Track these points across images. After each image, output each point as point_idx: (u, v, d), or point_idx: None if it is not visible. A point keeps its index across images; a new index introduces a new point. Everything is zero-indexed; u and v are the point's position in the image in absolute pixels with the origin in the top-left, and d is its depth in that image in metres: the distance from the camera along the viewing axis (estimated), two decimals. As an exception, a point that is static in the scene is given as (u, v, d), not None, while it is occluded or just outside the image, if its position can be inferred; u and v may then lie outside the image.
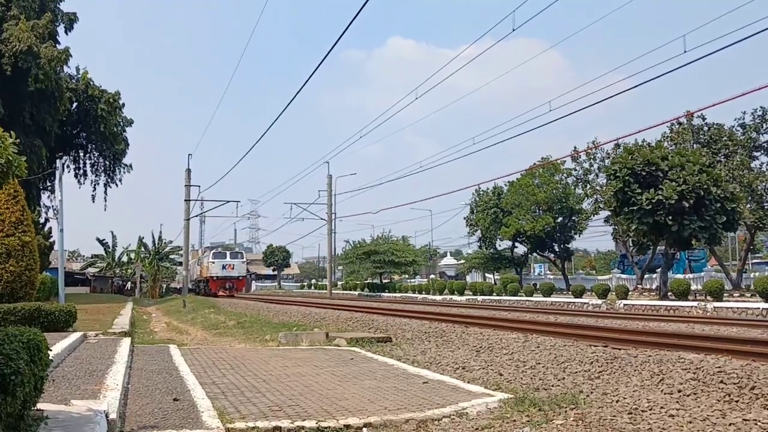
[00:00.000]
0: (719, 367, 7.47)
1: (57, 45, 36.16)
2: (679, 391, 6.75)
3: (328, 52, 19.77)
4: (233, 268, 56.04)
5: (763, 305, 20.74)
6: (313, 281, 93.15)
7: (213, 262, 55.97)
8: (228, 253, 59.65)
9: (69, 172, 42.95)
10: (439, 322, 15.65)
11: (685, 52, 15.20)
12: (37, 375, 4.47)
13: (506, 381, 7.99)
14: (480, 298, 38.15)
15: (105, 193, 44.42)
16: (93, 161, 44.01)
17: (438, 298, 42.38)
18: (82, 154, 43.83)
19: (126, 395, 6.80)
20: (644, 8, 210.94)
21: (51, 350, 5.07)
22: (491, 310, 24.98)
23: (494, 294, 39.25)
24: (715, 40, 14.74)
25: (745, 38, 13.88)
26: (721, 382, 6.86)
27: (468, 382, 7.85)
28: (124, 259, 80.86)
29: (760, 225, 34.40)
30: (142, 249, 74.98)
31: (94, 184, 44.25)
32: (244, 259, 60.68)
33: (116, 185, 44.71)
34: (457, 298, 40.79)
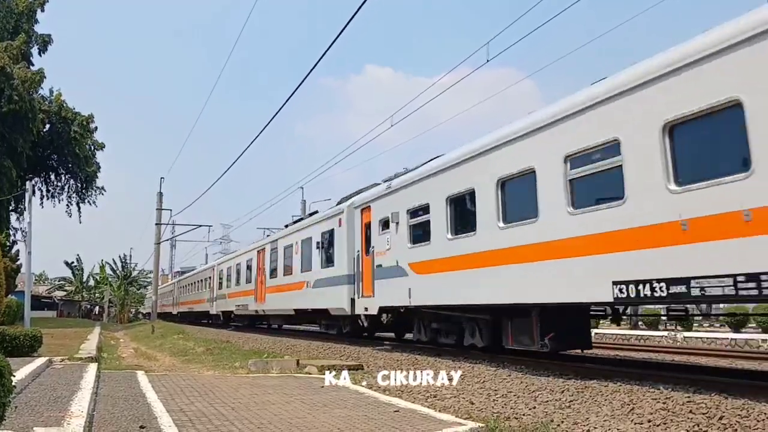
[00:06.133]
0: (688, 396, 7.54)
1: (31, 66, 35.89)
2: (649, 421, 6.77)
3: (301, 82, 19.70)
4: None
5: (731, 335, 20.99)
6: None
7: None
8: None
9: (41, 195, 42.48)
10: (411, 351, 15.58)
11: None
12: (-2, 401, 4.36)
13: (477, 410, 7.95)
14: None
15: (79, 211, 44.00)
16: (64, 183, 43.51)
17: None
18: (53, 176, 43.31)
19: (91, 422, 6.65)
20: (614, 41, 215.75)
21: (14, 376, 4.95)
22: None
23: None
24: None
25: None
26: (690, 412, 6.91)
27: (439, 411, 7.80)
28: (91, 283, 79.68)
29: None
30: (109, 272, 73.93)
31: (68, 204, 43.82)
32: None
33: (90, 204, 44.32)
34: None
